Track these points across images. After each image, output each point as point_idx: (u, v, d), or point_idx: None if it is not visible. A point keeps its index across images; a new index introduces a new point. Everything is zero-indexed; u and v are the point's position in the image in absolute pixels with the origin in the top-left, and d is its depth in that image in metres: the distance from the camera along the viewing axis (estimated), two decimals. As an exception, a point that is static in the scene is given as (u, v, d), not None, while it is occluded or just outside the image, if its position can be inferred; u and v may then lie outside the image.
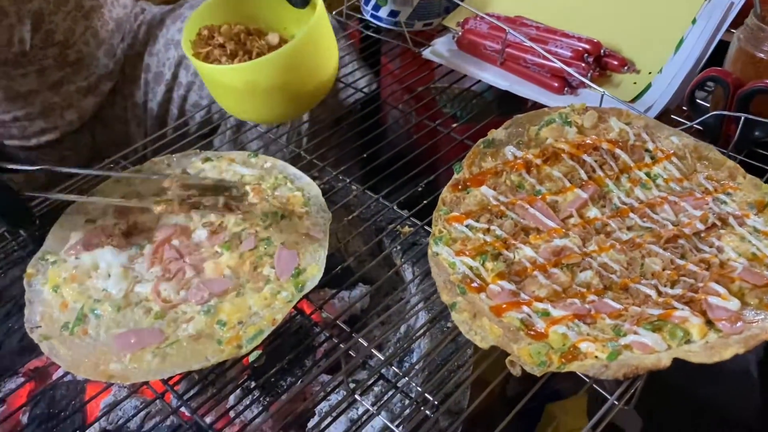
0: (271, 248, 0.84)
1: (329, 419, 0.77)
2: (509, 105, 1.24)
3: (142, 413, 0.80)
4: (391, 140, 1.10)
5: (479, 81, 1.13)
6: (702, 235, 0.74)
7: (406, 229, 0.93)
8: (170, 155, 1.00)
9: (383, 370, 0.80)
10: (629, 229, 0.77)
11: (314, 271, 0.81)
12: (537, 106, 1.03)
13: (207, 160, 0.97)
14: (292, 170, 0.95)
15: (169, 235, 0.86)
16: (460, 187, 0.82)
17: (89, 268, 0.83)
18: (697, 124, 0.93)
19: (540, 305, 0.70)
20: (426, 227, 0.90)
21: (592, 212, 0.78)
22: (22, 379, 0.88)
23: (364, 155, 1.04)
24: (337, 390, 0.82)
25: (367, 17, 1.26)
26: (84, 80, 1.22)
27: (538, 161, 0.82)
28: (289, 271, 0.81)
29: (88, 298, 0.80)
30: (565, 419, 1.31)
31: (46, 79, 1.17)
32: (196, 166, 0.97)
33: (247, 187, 0.88)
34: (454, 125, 1.08)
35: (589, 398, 1.34)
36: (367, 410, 0.74)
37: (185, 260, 0.83)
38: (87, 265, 0.83)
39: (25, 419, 0.83)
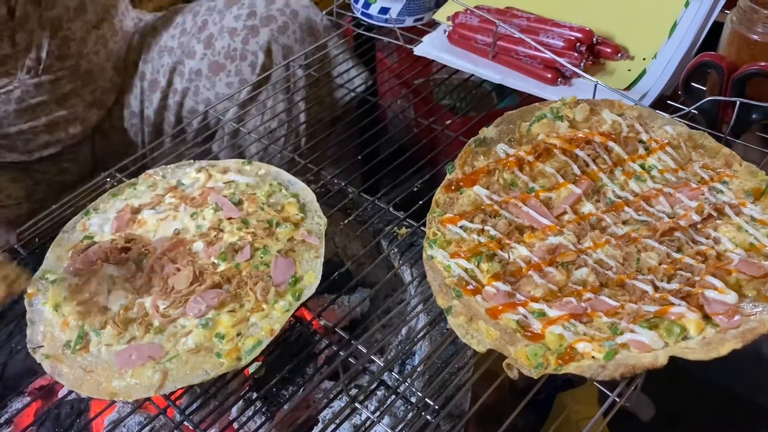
0: (267, 257, 0.83)
1: (332, 427, 0.77)
2: (509, 94, 1.23)
3: (146, 429, 0.80)
4: (389, 138, 1.10)
5: (474, 73, 1.12)
6: (698, 226, 0.73)
7: (403, 230, 0.93)
8: (165, 167, 1.00)
9: (384, 376, 0.80)
10: (624, 223, 0.76)
11: (311, 279, 0.81)
12: (534, 96, 1.02)
13: (201, 170, 0.97)
14: (287, 176, 0.95)
15: (166, 248, 0.86)
16: (453, 187, 0.82)
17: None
18: (693, 109, 0.92)
19: (536, 305, 0.69)
20: (423, 228, 0.89)
21: (587, 207, 0.77)
22: (28, 399, 0.88)
23: (359, 157, 1.03)
24: (339, 397, 0.82)
25: (358, 15, 1.25)
26: (90, 94, 1.23)
27: (531, 158, 0.81)
28: (286, 279, 0.81)
29: (87, 315, 0.81)
30: (577, 408, 1.31)
31: (57, 91, 1.18)
32: (191, 177, 0.97)
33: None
34: (449, 121, 1.07)
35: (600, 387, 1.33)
36: (369, 417, 0.75)
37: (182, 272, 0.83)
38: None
39: (32, 439, 0.84)
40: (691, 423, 1.39)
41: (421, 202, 0.92)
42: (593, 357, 0.64)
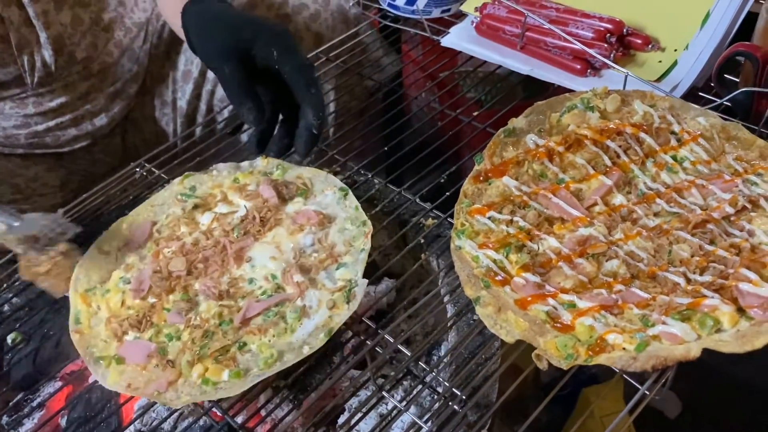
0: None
1: (359, 415, 0.77)
2: (535, 87, 1.22)
3: (175, 415, 0.81)
4: (414, 130, 1.10)
5: (502, 65, 1.11)
6: (732, 218, 0.72)
7: (430, 221, 0.93)
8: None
9: (411, 365, 0.80)
10: (656, 215, 0.75)
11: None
12: (561, 88, 1.01)
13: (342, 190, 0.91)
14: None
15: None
16: (481, 178, 0.81)
17: None
18: (726, 101, 0.90)
19: (566, 297, 0.69)
20: (449, 219, 0.89)
21: (618, 199, 0.77)
22: (59, 383, 0.90)
23: (385, 148, 1.03)
24: (365, 386, 0.82)
25: (385, 6, 1.25)
26: (111, 86, 1.24)
27: (561, 149, 0.80)
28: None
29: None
30: (602, 404, 1.30)
31: (73, 92, 1.19)
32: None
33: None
34: (476, 113, 1.06)
35: (626, 383, 1.32)
36: (396, 406, 0.75)
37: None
38: None
39: (63, 422, 0.86)
40: (717, 422, 1.38)
41: (447, 194, 0.91)
42: (624, 348, 0.63)
